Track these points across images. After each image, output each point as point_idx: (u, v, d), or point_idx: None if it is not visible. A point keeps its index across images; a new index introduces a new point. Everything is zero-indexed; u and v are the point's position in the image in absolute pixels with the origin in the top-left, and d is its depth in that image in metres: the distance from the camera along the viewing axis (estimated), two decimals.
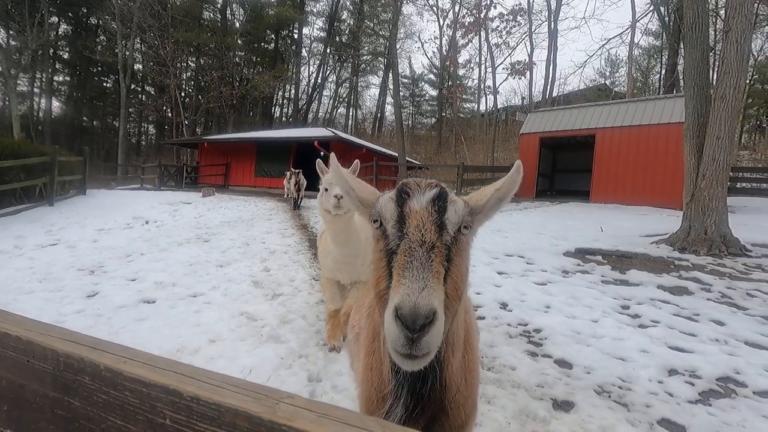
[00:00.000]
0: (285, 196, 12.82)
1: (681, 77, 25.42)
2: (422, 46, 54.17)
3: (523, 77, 24.57)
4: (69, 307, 4.10)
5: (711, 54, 9.50)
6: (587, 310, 4.13)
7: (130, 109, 33.23)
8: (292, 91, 41.40)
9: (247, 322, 3.77)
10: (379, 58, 38.84)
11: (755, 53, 24.77)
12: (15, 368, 0.56)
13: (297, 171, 11.62)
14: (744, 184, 13.04)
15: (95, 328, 3.58)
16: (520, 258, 6.28)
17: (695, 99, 6.77)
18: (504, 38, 25.46)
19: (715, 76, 7.50)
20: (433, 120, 40.79)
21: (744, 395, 2.67)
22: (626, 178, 12.28)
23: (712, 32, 18.67)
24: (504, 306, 4.30)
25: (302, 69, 40.94)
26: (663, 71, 26.84)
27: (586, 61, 32.86)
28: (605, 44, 23.27)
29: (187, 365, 0.51)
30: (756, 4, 9.73)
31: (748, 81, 21.97)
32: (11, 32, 28.23)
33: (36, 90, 34.59)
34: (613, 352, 3.18)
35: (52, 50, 34.74)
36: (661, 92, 26.84)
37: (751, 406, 2.53)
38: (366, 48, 38.81)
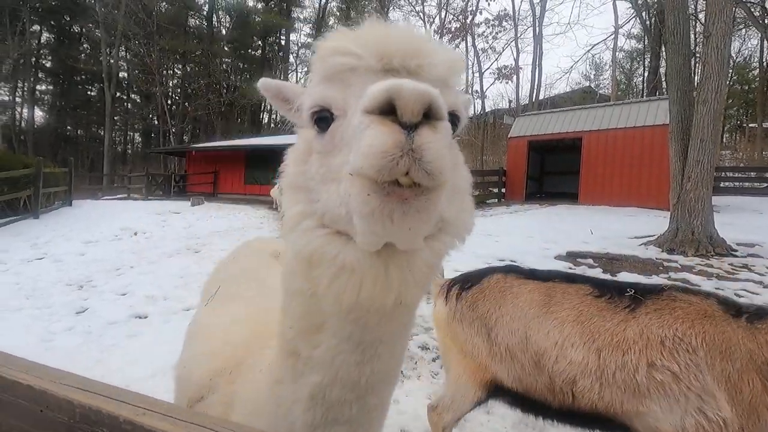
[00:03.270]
0: (276, 207, 12.05)
1: (663, 79, 26.01)
2: None
3: (509, 81, 24.85)
4: (57, 324, 4.01)
5: (692, 58, 9.71)
6: None
7: (115, 117, 32.77)
8: None
9: None
10: None
11: (733, 55, 25.45)
12: (28, 419, 0.55)
13: None
14: (727, 184, 13.34)
15: (84, 347, 3.51)
16: (512, 262, 6.31)
17: (679, 103, 6.92)
18: (490, 43, 25.79)
19: (696, 79, 7.67)
20: None
21: None
22: (613, 180, 12.48)
23: (693, 36, 19.15)
24: None
25: (290, 75, 40.86)
26: (646, 73, 27.40)
27: (572, 67, 33.51)
28: (590, 50, 23.73)
29: (208, 416, 0.50)
30: (734, 9, 10.01)
31: (728, 82, 22.54)
32: None
33: (18, 99, 33.95)
34: None
35: (34, 59, 34.14)
36: (645, 94, 27.40)
37: None
38: None
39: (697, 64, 14.85)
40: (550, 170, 17.90)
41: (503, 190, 15.18)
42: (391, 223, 0.51)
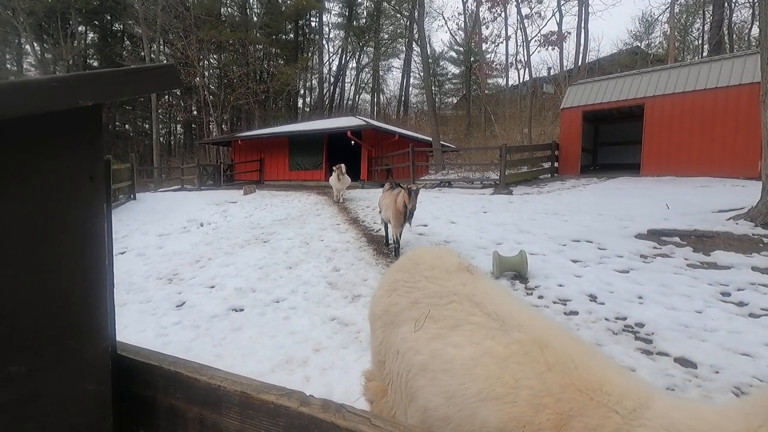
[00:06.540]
0: (336, 198, 11.46)
1: (727, 34, 23.71)
2: (446, 23, 52.38)
3: (556, 47, 23.51)
4: (165, 319, 4.25)
5: None
6: (685, 299, 3.96)
7: (158, 111, 33.99)
8: (314, 81, 41.27)
9: (341, 328, 3.81)
10: (400, 39, 38.08)
11: None
12: None
13: (411, 186, 5.97)
14: None
15: (198, 341, 3.70)
16: (589, 243, 6.08)
17: None
18: (534, 8, 24.38)
19: None
20: (455, 100, 39.85)
21: None
22: (681, 148, 11.65)
23: None
24: (593, 298, 4.18)
25: (323, 57, 40.67)
26: (707, 27, 25.07)
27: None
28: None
29: None
30: None
31: None
32: (46, 45, 29.18)
33: None
34: (735, 347, 3.03)
35: (82, 59, 35.79)
36: (705, 51, 25.11)
37: None
38: (386, 29, 38.11)
39: None
40: (605, 141, 17.00)
41: (556, 165, 14.58)
42: None
